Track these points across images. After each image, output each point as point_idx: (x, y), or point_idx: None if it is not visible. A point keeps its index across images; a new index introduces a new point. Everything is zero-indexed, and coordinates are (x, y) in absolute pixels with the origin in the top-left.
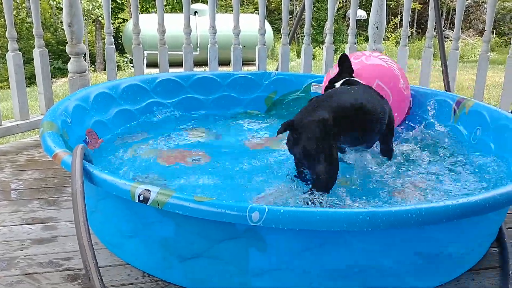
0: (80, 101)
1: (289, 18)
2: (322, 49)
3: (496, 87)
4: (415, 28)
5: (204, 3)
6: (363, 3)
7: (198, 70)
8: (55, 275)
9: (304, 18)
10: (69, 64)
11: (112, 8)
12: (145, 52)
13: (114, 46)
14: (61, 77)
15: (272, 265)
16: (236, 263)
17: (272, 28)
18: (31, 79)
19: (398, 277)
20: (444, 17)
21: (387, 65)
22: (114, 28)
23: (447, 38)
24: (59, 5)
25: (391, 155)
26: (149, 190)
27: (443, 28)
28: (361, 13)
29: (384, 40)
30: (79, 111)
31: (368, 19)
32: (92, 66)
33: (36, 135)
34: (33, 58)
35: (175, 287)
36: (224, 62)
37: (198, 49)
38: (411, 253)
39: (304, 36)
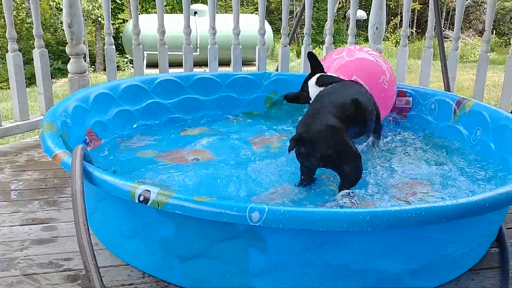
0: (80, 101)
1: (289, 19)
2: (322, 49)
3: (496, 87)
4: (415, 28)
5: (204, 3)
6: (363, 3)
7: (198, 70)
8: (55, 275)
9: (304, 18)
10: (69, 65)
11: (112, 8)
12: (145, 52)
13: (114, 47)
14: (61, 78)
15: (272, 265)
16: (236, 263)
17: (272, 29)
18: (31, 80)
19: (398, 277)
20: (444, 17)
21: (374, 60)
22: (114, 29)
23: (447, 38)
24: (59, 6)
25: (379, 138)
26: (149, 191)
27: (443, 28)
28: (361, 13)
29: (384, 40)
30: (79, 112)
31: (368, 19)
32: (92, 66)
33: (36, 136)
34: (33, 59)
35: None
36: (224, 63)
37: (198, 49)
38: (411, 253)
39: (304, 37)
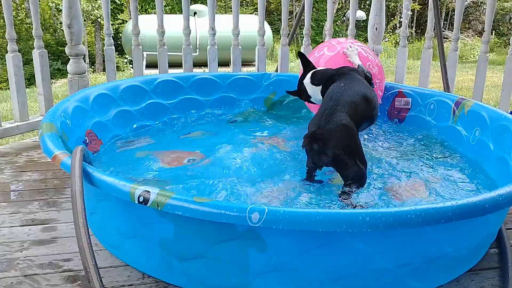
0: (80, 102)
1: (289, 19)
2: None
3: (495, 88)
4: (414, 29)
5: (204, 4)
6: (363, 4)
7: (197, 71)
8: (55, 276)
9: (304, 19)
10: (68, 65)
11: (111, 9)
12: (144, 53)
13: (114, 47)
14: (61, 78)
15: (272, 266)
16: (236, 264)
17: (272, 29)
18: (30, 80)
19: (398, 278)
20: (443, 18)
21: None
22: (113, 29)
23: (446, 38)
24: (58, 7)
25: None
26: (148, 191)
27: (442, 29)
28: (361, 14)
29: (383, 40)
30: (79, 112)
31: (367, 19)
32: (92, 67)
33: (36, 136)
34: (32, 59)
35: None
36: (224, 63)
37: (197, 50)
38: (410, 254)
39: (303, 37)
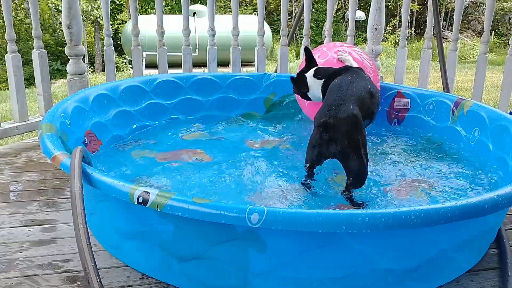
0: (79, 102)
1: (288, 19)
2: None
3: (494, 88)
4: (413, 29)
5: (203, 4)
6: (362, 4)
7: (197, 71)
8: (55, 277)
9: (303, 19)
10: (68, 66)
11: (111, 9)
12: (144, 53)
13: (113, 48)
14: (60, 78)
15: (271, 267)
16: (236, 264)
17: (271, 29)
18: (29, 81)
19: (397, 278)
20: (442, 18)
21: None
22: (113, 29)
23: (446, 39)
24: (58, 7)
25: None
26: (148, 192)
27: (442, 29)
28: (360, 14)
29: (382, 41)
30: (78, 113)
31: (367, 20)
32: (91, 67)
33: (35, 137)
34: (32, 59)
35: None
36: (223, 63)
37: (197, 50)
38: (410, 254)
39: (303, 37)
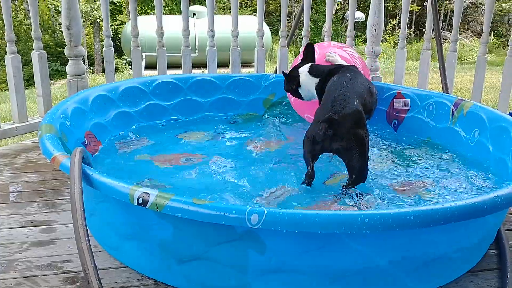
0: (79, 103)
1: (288, 20)
2: None
3: (494, 89)
4: (413, 30)
5: (203, 5)
6: (362, 5)
7: (196, 72)
8: (54, 277)
9: (303, 20)
10: (67, 67)
11: (110, 10)
12: (143, 54)
13: (113, 48)
14: (60, 79)
15: (271, 267)
16: (235, 265)
17: (270, 30)
18: (29, 81)
19: (397, 279)
20: (442, 19)
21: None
22: (112, 30)
23: (445, 39)
24: (57, 8)
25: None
26: (148, 193)
27: (441, 30)
28: (359, 15)
29: (382, 41)
30: (78, 114)
31: (366, 21)
32: (91, 68)
33: (35, 137)
34: (31, 60)
35: None
36: (223, 64)
37: (196, 51)
38: (410, 255)
39: (302, 38)
